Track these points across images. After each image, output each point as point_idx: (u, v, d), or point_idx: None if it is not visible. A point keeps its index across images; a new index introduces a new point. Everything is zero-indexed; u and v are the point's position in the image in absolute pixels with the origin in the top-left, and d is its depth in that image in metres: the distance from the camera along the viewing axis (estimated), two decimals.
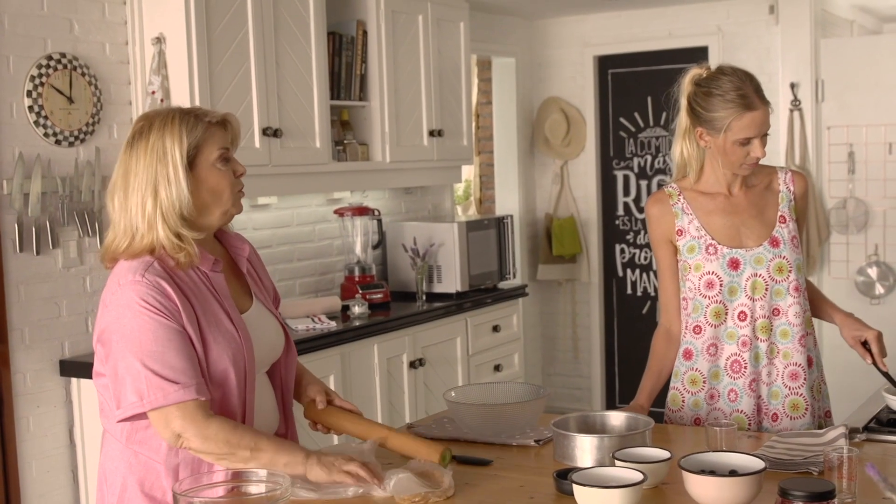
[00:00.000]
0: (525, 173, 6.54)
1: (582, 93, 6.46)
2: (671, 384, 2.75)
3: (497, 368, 5.19)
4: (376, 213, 4.90)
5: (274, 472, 1.90)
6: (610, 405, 6.50)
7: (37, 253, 3.61)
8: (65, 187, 3.65)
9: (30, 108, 3.59)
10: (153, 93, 3.79)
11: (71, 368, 3.71)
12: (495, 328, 5.18)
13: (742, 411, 2.64)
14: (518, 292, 5.39)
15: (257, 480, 1.91)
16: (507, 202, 6.49)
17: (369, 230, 4.88)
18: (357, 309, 4.45)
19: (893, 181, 5.62)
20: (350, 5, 4.68)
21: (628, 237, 6.49)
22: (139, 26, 3.87)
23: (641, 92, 6.34)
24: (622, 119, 6.44)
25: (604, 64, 6.45)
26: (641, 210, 6.36)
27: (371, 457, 2.15)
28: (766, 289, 2.62)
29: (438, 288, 4.99)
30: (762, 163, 2.69)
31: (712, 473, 1.91)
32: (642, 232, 6.38)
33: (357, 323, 4.36)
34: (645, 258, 6.43)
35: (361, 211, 4.82)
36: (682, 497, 1.93)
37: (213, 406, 2.06)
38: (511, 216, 5.46)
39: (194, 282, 2.10)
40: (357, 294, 4.66)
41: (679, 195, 2.71)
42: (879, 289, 5.69)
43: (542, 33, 6.53)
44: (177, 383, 1.98)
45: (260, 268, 2.36)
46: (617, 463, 2.03)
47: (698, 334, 2.68)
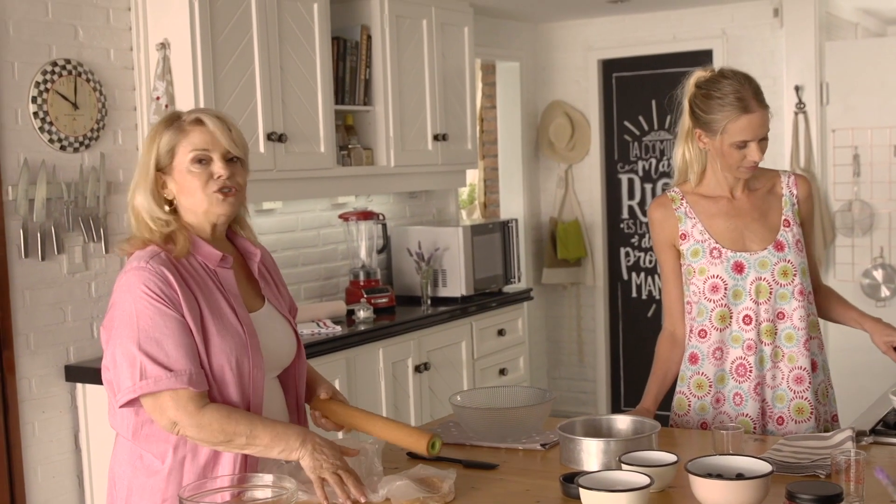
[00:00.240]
0: (529, 177, 6.53)
1: (586, 96, 6.46)
2: (677, 388, 2.75)
3: (502, 372, 5.19)
4: (381, 218, 4.90)
5: (280, 477, 1.90)
6: (615, 408, 6.50)
7: (42, 258, 3.61)
8: (70, 193, 3.66)
9: (35, 114, 3.60)
10: (158, 98, 3.80)
11: (76, 374, 3.71)
12: (500, 332, 5.18)
13: (747, 415, 2.63)
14: (523, 296, 5.39)
15: (263, 485, 1.91)
16: (512, 206, 6.49)
17: (374, 234, 4.88)
18: (362, 313, 4.45)
19: None
20: (354, 10, 4.68)
21: (633, 241, 6.48)
22: (144, 32, 3.87)
23: (646, 95, 6.34)
24: (626, 123, 6.44)
25: (608, 68, 6.45)
26: (646, 213, 6.35)
27: (374, 459, 2.14)
28: (771, 292, 2.62)
29: (443, 292, 4.99)
30: (765, 166, 2.68)
31: (719, 477, 1.90)
32: (647, 235, 6.37)
33: (362, 327, 4.36)
34: (650, 261, 6.42)
35: (366, 215, 4.82)
36: (689, 500, 1.93)
37: (213, 399, 2.07)
38: (516, 220, 5.46)
39: (201, 276, 2.14)
40: (362, 298, 4.66)
41: (682, 199, 2.71)
42: (885, 291, 5.68)
43: (547, 37, 6.53)
44: (170, 370, 2.00)
45: (276, 274, 2.39)
46: (624, 467, 2.03)
47: (704, 338, 2.67)
